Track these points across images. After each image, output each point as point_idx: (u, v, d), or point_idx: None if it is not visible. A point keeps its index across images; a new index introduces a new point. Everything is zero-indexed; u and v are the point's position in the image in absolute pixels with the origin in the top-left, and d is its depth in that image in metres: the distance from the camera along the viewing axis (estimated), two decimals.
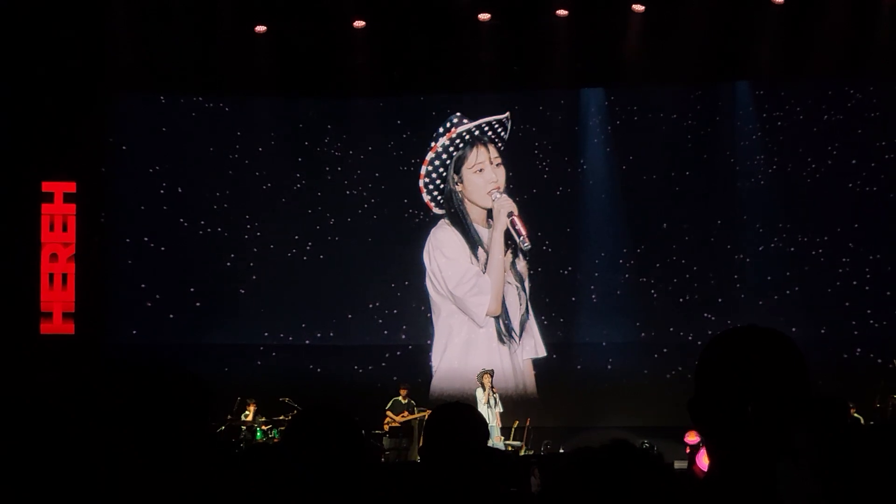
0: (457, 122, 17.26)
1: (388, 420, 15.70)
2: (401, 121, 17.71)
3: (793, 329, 14.75)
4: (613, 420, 15.84)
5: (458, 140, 17.27)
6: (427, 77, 17.20)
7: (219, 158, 17.39)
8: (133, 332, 16.89)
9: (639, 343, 16.92)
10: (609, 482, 1.80)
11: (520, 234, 16.71)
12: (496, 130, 17.37)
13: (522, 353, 17.02)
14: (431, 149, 17.24)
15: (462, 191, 17.33)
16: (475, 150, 17.26)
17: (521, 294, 17.12)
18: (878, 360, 15.94)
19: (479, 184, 17.19)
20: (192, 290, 17.14)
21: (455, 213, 17.32)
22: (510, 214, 16.81)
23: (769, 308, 16.39)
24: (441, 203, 17.38)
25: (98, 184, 17.20)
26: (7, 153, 16.46)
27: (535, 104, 17.59)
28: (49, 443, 1.65)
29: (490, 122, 17.32)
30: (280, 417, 15.15)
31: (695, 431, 13.98)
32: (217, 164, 17.39)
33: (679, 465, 13.13)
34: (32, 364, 14.82)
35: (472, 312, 17.07)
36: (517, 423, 15.78)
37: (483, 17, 16.74)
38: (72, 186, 17.05)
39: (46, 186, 17.01)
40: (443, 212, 17.39)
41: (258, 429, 15.25)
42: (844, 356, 16.11)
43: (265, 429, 15.22)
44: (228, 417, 15.33)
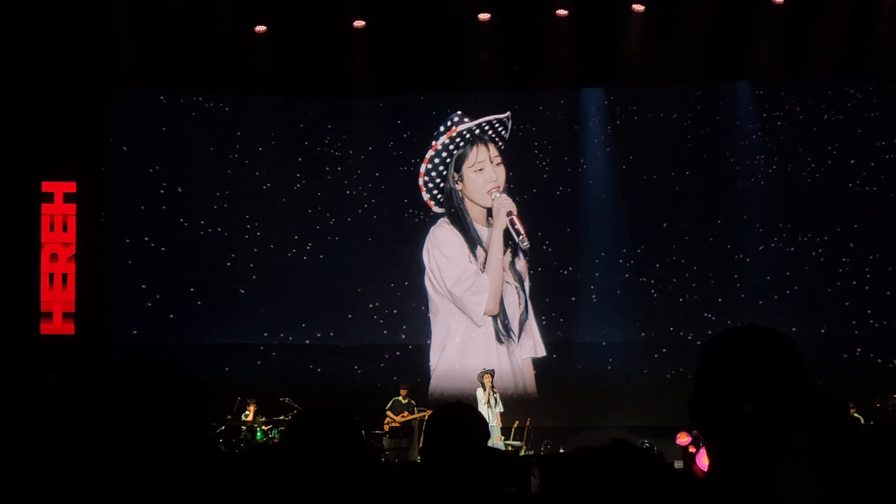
0: (457, 121, 17.26)
1: (388, 420, 15.69)
2: (401, 121, 17.71)
3: (793, 329, 14.74)
4: (613, 420, 15.83)
5: (459, 138, 17.27)
6: (427, 77, 17.20)
7: (219, 158, 17.39)
8: (133, 332, 16.90)
9: (639, 343, 16.91)
10: (609, 482, 1.80)
11: (519, 234, 16.71)
12: (497, 129, 17.37)
13: (521, 353, 17.01)
14: (432, 147, 17.24)
15: (462, 189, 17.32)
16: (475, 149, 17.26)
17: (521, 294, 17.11)
18: (878, 360, 15.93)
19: (479, 183, 17.19)
20: (192, 290, 17.15)
21: (455, 212, 17.32)
22: (510, 214, 16.81)
23: (769, 308, 16.39)
24: (441, 201, 17.37)
25: (98, 184, 17.21)
26: (7, 153, 16.46)
27: (535, 104, 17.59)
28: (49, 443, 1.65)
29: (491, 121, 17.32)
30: (280, 417, 15.15)
31: (685, 433, 14.00)
32: (217, 164, 17.39)
33: (678, 466, 13.15)
34: (32, 364, 14.81)
35: (470, 311, 17.07)
36: (517, 423, 15.77)
37: (483, 17, 16.74)
38: (72, 186, 17.06)
39: (46, 186, 17.02)
40: (442, 210, 17.38)
41: (258, 429, 15.25)
42: (844, 356, 16.10)
43: (265, 429, 15.22)
44: (228, 417, 15.33)
